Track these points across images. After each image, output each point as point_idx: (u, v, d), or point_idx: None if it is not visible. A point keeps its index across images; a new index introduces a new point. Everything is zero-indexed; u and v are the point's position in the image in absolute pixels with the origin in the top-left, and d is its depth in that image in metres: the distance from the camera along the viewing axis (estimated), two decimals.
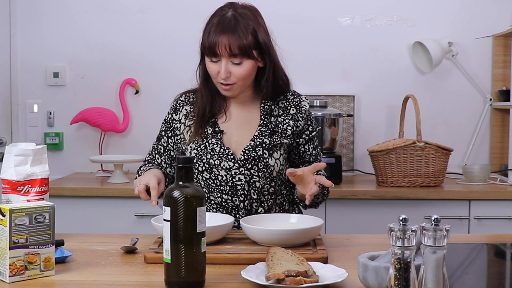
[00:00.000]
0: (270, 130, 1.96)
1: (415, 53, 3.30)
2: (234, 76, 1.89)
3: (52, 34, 3.38)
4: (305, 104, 2.02)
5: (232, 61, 1.87)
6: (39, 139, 3.37)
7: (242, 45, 1.86)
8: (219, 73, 1.89)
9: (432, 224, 1.10)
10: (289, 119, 1.98)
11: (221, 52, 1.86)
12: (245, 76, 1.90)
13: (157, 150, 2.04)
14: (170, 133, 2.02)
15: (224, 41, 1.85)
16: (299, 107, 2.00)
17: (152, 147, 2.07)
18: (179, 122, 2.00)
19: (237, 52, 1.86)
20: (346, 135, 3.33)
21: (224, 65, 1.87)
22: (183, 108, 2.02)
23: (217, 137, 1.95)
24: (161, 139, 2.04)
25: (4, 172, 1.65)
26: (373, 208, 2.79)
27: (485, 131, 3.35)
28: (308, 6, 3.35)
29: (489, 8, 3.32)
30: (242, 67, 1.89)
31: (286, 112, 1.99)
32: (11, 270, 1.35)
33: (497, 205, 2.80)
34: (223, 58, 1.87)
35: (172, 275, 1.31)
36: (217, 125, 1.97)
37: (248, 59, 1.88)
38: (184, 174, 1.34)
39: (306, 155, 2.02)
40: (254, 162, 1.92)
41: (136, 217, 2.82)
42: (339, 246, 1.71)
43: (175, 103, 2.05)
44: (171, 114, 2.03)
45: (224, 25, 1.87)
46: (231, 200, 1.93)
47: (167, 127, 2.03)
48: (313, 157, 2.02)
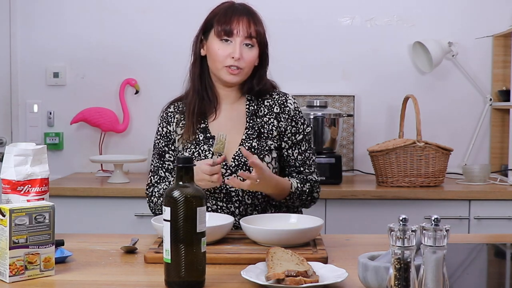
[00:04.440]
0: (257, 133, 1.92)
1: (415, 53, 3.30)
2: (244, 61, 1.85)
3: (52, 34, 3.38)
4: (290, 103, 1.96)
5: (246, 42, 1.85)
6: (39, 139, 3.37)
7: (259, 30, 1.86)
8: (229, 56, 1.84)
9: (432, 224, 1.10)
10: (273, 118, 1.94)
11: (239, 30, 1.83)
12: (253, 62, 1.88)
13: (164, 168, 1.94)
14: (172, 146, 1.96)
15: (244, 20, 1.84)
16: (283, 107, 1.95)
17: (155, 167, 1.96)
18: (175, 133, 1.96)
19: (254, 34, 1.84)
20: (346, 135, 3.33)
21: (239, 44, 1.84)
22: (174, 118, 1.97)
23: (208, 143, 1.91)
24: (165, 155, 1.95)
25: (4, 172, 1.65)
26: (373, 208, 2.79)
27: (485, 131, 3.35)
28: (308, 6, 3.34)
29: (489, 8, 3.32)
30: (252, 52, 1.86)
31: (271, 111, 1.95)
32: (11, 270, 1.35)
33: (497, 205, 2.79)
34: (238, 38, 1.84)
35: (172, 275, 1.31)
36: (208, 130, 1.93)
37: (258, 47, 1.87)
38: (184, 174, 1.34)
39: (290, 159, 1.96)
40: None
41: (136, 217, 2.82)
42: (339, 246, 1.71)
43: (165, 115, 1.98)
44: (165, 127, 1.97)
45: (240, 8, 1.86)
46: (226, 207, 1.92)
47: (167, 141, 1.96)
48: (298, 162, 1.96)
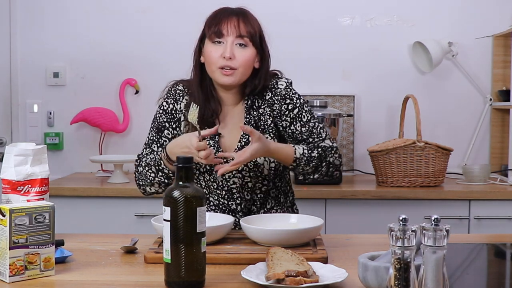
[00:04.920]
0: (253, 126, 1.90)
1: (415, 53, 3.30)
2: (237, 60, 1.83)
3: (52, 34, 3.38)
4: (281, 84, 1.92)
5: (238, 42, 1.84)
6: (39, 139, 3.37)
7: (250, 29, 1.84)
8: (220, 56, 1.83)
9: (432, 224, 1.10)
10: (266, 106, 1.92)
11: (228, 30, 1.82)
12: (247, 62, 1.85)
13: (159, 143, 1.92)
14: (174, 124, 1.93)
15: (234, 20, 1.83)
16: (274, 90, 1.92)
17: (150, 140, 1.95)
18: (181, 113, 1.93)
19: (245, 34, 1.83)
20: (346, 135, 3.33)
21: (230, 44, 1.83)
22: (184, 98, 1.94)
23: (214, 139, 1.91)
24: (164, 131, 1.93)
25: (4, 172, 1.65)
26: (373, 208, 2.79)
27: (485, 131, 3.35)
28: (308, 6, 3.34)
29: (489, 8, 3.32)
30: (246, 52, 1.84)
31: (264, 100, 1.92)
32: (11, 270, 1.35)
33: (497, 205, 2.79)
34: (229, 38, 1.83)
35: (172, 275, 1.31)
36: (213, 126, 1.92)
37: (252, 46, 1.85)
38: (184, 174, 1.34)
39: (296, 134, 1.92)
40: (246, 164, 1.88)
41: (136, 217, 2.82)
42: (339, 246, 1.71)
43: (173, 92, 1.95)
44: (172, 104, 1.93)
45: (232, 10, 1.86)
46: (228, 204, 1.93)
47: (170, 118, 1.93)
48: (304, 134, 1.92)
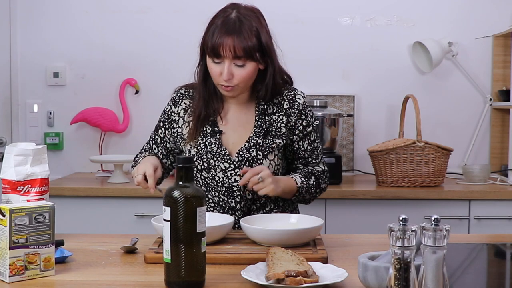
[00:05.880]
0: (264, 131, 1.94)
1: (415, 53, 3.30)
2: (236, 78, 1.87)
3: (52, 34, 3.38)
4: (299, 98, 1.99)
5: (236, 63, 1.86)
6: (39, 139, 3.37)
7: (246, 47, 1.84)
8: (221, 75, 1.87)
9: (432, 224, 1.10)
10: (283, 115, 1.96)
11: (225, 53, 1.84)
12: (247, 79, 1.89)
13: (154, 140, 2.06)
14: (167, 124, 2.03)
15: (229, 42, 1.83)
16: (292, 102, 1.98)
17: (150, 136, 2.08)
18: (178, 116, 2.01)
19: (241, 54, 1.84)
20: (346, 135, 3.33)
21: (227, 66, 1.85)
22: (183, 102, 2.01)
23: (215, 137, 1.94)
24: (159, 130, 2.05)
25: (4, 172, 1.65)
26: (373, 208, 2.79)
27: (485, 131, 3.35)
28: (308, 6, 3.35)
29: (489, 8, 3.32)
30: (245, 69, 1.87)
31: (280, 108, 1.97)
32: (11, 270, 1.35)
33: (497, 205, 2.79)
34: (226, 60, 1.85)
35: (172, 275, 1.31)
36: (216, 124, 1.96)
37: (251, 62, 1.87)
38: (184, 174, 1.34)
39: (300, 151, 2.01)
40: (248, 163, 1.91)
41: (136, 217, 2.82)
42: (339, 246, 1.71)
43: (175, 95, 2.04)
44: (170, 106, 2.03)
45: (228, 26, 1.85)
46: (227, 201, 1.94)
47: (166, 118, 2.03)
48: (308, 153, 2.01)
